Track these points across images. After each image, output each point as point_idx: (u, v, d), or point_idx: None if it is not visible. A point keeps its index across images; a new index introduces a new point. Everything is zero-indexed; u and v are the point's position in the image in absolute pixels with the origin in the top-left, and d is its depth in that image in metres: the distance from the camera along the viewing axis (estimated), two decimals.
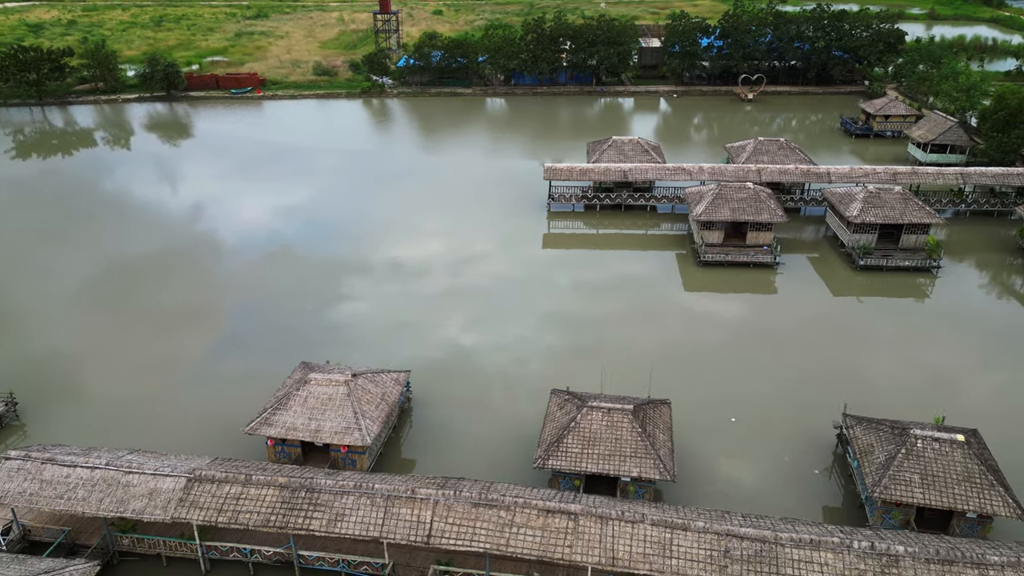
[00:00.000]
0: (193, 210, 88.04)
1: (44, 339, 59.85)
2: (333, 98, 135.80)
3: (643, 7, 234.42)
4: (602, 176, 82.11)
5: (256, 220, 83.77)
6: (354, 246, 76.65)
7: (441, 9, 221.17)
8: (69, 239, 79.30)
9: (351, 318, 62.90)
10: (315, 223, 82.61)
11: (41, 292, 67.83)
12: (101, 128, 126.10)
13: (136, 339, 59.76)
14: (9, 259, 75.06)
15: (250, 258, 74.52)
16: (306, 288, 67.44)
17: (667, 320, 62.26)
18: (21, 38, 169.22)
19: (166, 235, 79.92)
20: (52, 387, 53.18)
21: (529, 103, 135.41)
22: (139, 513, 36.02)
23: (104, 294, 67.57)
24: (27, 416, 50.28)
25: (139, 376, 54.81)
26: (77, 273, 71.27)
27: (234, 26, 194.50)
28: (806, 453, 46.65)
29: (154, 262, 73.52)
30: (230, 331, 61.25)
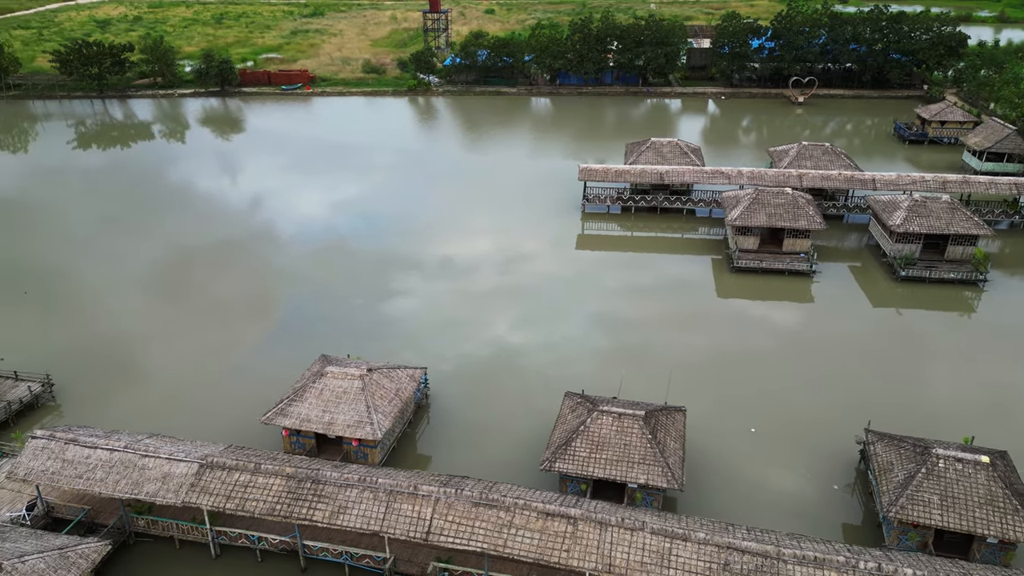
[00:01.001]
0: (246, 202, 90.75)
1: (95, 323, 62.22)
2: (380, 96, 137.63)
3: (697, 7, 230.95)
4: (638, 178, 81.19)
5: (307, 213, 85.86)
6: (393, 242, 77.50)
7: (493, 8, 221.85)
8: (128, 227, 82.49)
9: (394, 312, 63.67)
10: (362, 218, 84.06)
11: (98, 278, 70.75)
12: (158, 121, 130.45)
13: (187, 326, 61.68)
14: (70, 245, 78.22)
15: (303, 250, 76.12)
16: (355, 282, 68.73)
17: (696, 326, 61.22)
18: (89, 33, 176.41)
19: (221, 226, 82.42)
20: (94, 370, 55.26)
21: (574, 103, 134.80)
22: (152, 496, 37.18)
23: (161, 281, 69.97)
24: (63, 397, 52.36)
25: (183, 362, 56.56)
26: (136, 260, 74.04)
27: (290, 24, 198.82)
28: (827, 468, 45.31)
29: (210, 252, 75.94)
30: (281, 321, 62.60)
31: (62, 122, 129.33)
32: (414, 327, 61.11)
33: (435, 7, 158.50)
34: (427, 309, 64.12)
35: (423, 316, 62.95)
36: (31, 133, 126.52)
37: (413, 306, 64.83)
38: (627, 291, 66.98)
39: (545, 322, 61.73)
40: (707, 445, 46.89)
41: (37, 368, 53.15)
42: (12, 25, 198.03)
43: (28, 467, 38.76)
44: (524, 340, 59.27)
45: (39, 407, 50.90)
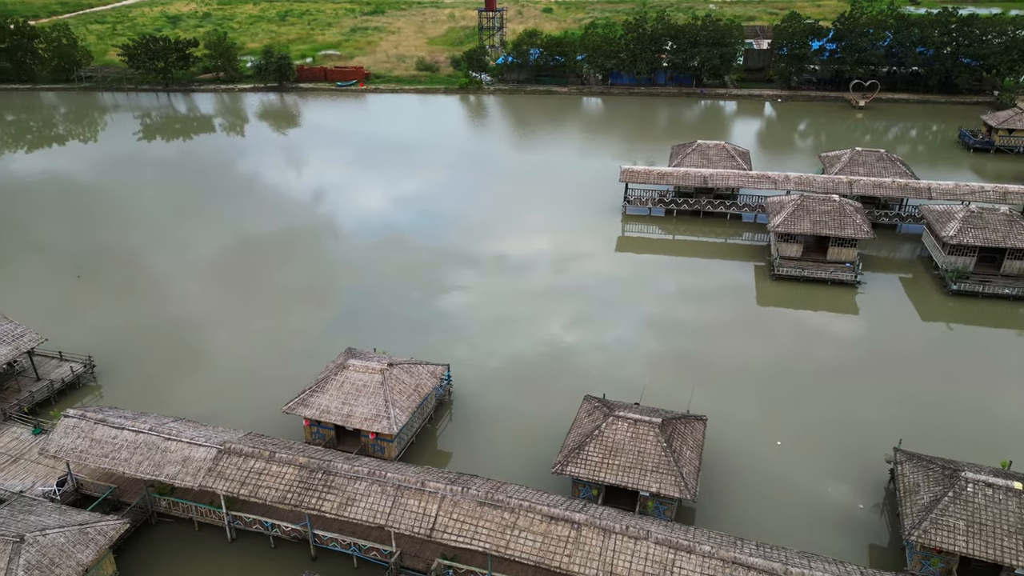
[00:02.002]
0: (302, 195, 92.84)
1: (146, 308, 64.60)
2: (432, 93, 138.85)
3: (761, 7, 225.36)
4: (681, 180, 79.82)
5: (360, 207, 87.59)
6: (439, 238, 78.14)
7: (551, 7, 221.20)
8: (187, 216, 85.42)
9: (437, 308, 64.40)
10: (413, 213, 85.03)
11: (155, 264, 73.41)
12: (219, 115, 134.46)
13: (242, 313, 63.56)
14: (130, 232, 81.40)
15: (362, 243, 77.63)
16: (410, 276, 69.78)
17: (731, 333, 59.87)
18: (160, 28, 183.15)
19: (279, 217, 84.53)
20: (139, 353, 57.34)
21: (625, 103, 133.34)
22: (172, 478, 38.37)
23: (218, 269, 72.22)
24: (104, 378, 54.53)
25: (230, 349, 58.25)
26: (193, 248, 76.67)
27: (351, 21, 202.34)
28: (855, 486, 43.75)
29: (270, 242, 77.98)
30: (337, 312, 63.85)
31: (129, 113, 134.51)
32: (445, 324, 61.54)
33: (490, 6, 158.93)
34: (467, 306, 64.52)
35: (456, 312, 63.33)
36: (100, 123, 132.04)
37: (458, 303, 65.25)
38: (663, 296, 66.02)
39: (579, 324, 61.29)
40: (731, 456, 45.88)
41: (83, 349, 55.46)
42: (90, 20, 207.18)
43: (59, 444, 40.50)
44: (554, 342, 58.98)
45: (80, 387, 53.12)
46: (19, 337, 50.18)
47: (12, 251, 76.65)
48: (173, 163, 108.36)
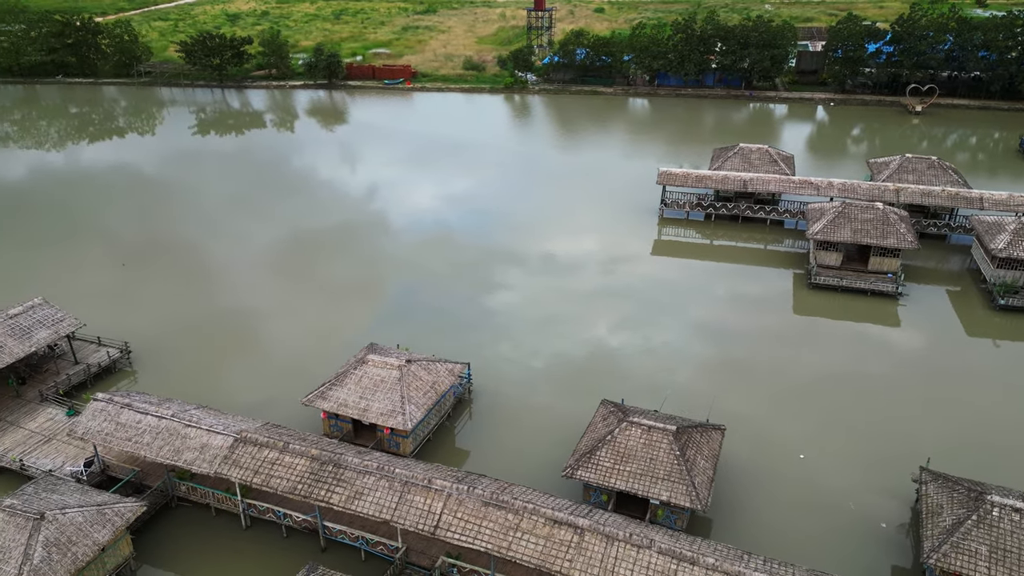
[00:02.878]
0: (346, 190, 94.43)
1: (189, 296, 66.45)
2: (477, 92, 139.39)
3: (820, 8, 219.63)
4: (719, 184, 78.37)
5: (402, 204, 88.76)
6: (478, 237, 78.69)
7: (603, 7, 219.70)
8: (237, 209, 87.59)
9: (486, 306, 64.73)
10: (457, 211, 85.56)
11: (203, 255, 75.25)
12: (270, 111, 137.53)
13: (291, 305, 64.74)
14: (180, 222, 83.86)
15: (411, 240, 78.21)
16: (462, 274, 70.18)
17: (765, 342, 58.56)
18: (219, 26, 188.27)
19: (327, 211, 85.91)
20: (176, 341, 58.87)
21: (671, 105, 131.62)
22: (189, 464, 39.37)
23: (266, 261, 73.57)
24: (139, 364, 56.29)
25: (275, 340, 59.27)
26: (241, 240, 78.42)
27: (403, 20, 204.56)
28: (880, 504, 42.28)
29: (318, 236, 79.18)
30: (386, 307, 64.53)
31: (184, 108, 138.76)
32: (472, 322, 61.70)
33: (539, 5, 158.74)
34: (511, 304, 64.78)
35: (500, 311, 63.46)
36: (157, 117, 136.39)
37: (503, 301, 65.39)
38: (696, 302, 64.86)
39: (609, 327, 60.72)
40: (751, 467, 44.90)
41: (124, 335, 57.31)
42: (154, 17, 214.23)
43: (87, 426, 41.95)
44: (584, 344, 58.56)
45: (116, 372, 54.94)
46: (59, 321, 52.17)
47: (63, 237, 79.70)
48: (225, 157, 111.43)
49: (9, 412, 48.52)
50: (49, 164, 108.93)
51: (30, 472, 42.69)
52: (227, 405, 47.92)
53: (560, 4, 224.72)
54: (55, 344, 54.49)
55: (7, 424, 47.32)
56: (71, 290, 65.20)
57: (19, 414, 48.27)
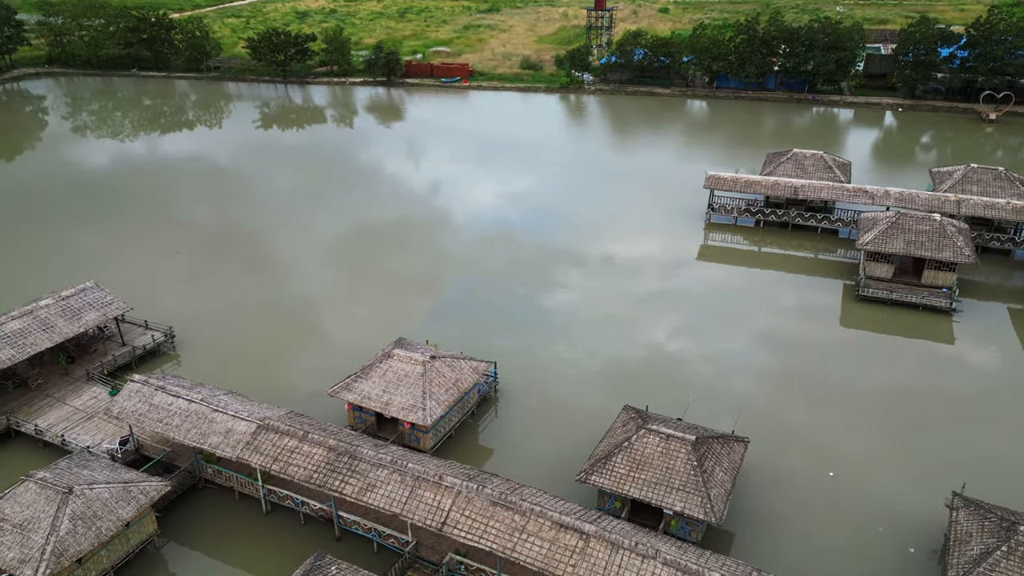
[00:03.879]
0: (401, 185, 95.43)
1: (251, 286, 68.27)
2: (532, 91, 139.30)
3: (897, 10, 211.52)
4: (769, 190, 76.32)
5: (456, 201, 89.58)
6: (538, 236, 78.71)
7: (667, 7, 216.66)
8: (299, 202, 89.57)
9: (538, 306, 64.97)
10: (504, 210, 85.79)
11: (266, 246, 77.03)
12: (330, 106, 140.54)
13: (347, 297, 66.10)
14: (236, 212, 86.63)
15: (468, 237, 78.76)
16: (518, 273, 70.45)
17: (806, 354, 56.86)
18: (288, 23, 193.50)
19: (386, 206, 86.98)
20: (228, 328, 60.68)
21: (730, 108, 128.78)
22: (214, 447, 40.61)
23: (325, 254, 74.83)
24: (183, 348, 58.32)
25: (327, 331, 60.35)
26: (303, 233, 79.74)
27: (465, 19, 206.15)
28: (910, 529, 40.55)
29: (378, 230, 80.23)
30: (441, 302, 65.20)
31: (249, 103, 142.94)
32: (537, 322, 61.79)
33: (600, 5, 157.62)
34: (570, 305, 64.75)
35: (560, 311, 63.49)
36: (224, 111, 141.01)
37: (560, 302, 65.48)
38: (739, 309, 63.30)
39: (645, 332, 59.94)
40: (779, 482, 43.71)
41: (173, 321, 59.51)
42: (227, 14, 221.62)
43: (122, 407, 43.73)
44: (617, 348, 57.94)
45: (160, 355, 57.10)
46: (107, 304, 54.51)
47: (125, 223, 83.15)
48: (286, 151, 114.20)
49: (57, 389, 51.00)
50: (120, 153, 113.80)
51: (70, 447, 44.75)
52: (266, 393, 49.26)
53: (624, 4, 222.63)
54: (104, 326, 56.99)
55: (54, 400, 49.75)
56: (126, 274, 68.19)
57: (66, 391, 50.69)
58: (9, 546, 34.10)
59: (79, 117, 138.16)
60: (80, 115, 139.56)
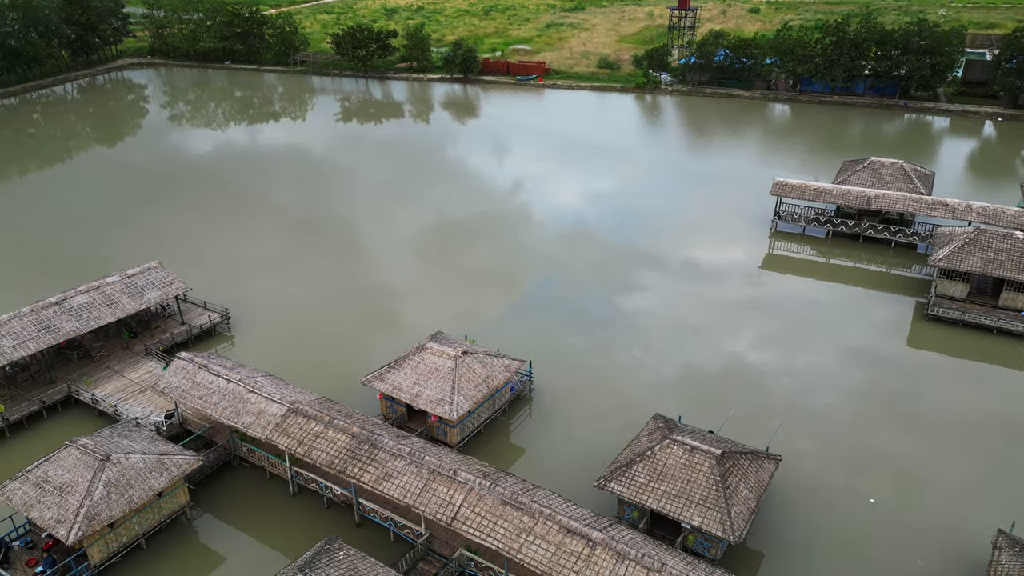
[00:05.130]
0: (473, 181, 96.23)
1: (304, 271, 70.26)
2: (607, 91, 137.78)
3: (1009, 13, 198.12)
4: (840, 199, 72.84)
5: (522, 197, 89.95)
6: (610, 236, 78.21)
7: (759, 7, 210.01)
8: (373, 194, 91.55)
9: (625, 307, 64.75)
10: (579, 209, 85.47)
11: (341, 235, 79.13)
12: (408, 102, 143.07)
13: (423, 287, 66.83)
14: (318, 204, 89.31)
15: (550, 234, 78.69)
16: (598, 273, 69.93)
17: (865, 374, 53.97)
18: (376, 19, 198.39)
19: (461, 201, 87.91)
20: (289, 313, 62.32)
21: (814, 112, 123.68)
22: (246, 427, 42.02)
23: (401, 245, 75.91)
24: (238, 330, 60.59)
25: (391, 318, 61.30)
26: (378, 224, 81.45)
27: (548, 17, 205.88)
28: (952, 565, 37.99)
29: (454, 225, 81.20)
30: (521, 297, 65.43)
31: (331, 96, 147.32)
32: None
33: (683, 4, 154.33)
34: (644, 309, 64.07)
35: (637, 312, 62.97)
36: (308, 103, 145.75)
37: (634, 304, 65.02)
38: (799, 323, 60.67)
39: (699, 340, 58.28)
40: (815, 505, 41.80)
41: (233, 303, 62.09)
42: (319, 10, 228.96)
43: (168, 382, 45.84)
44: (662, 355, 56.75)
45: (215, 335, 59.52)
46: (169, 284, 57.25)
47: (201, 206, 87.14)
48: (364, 143, 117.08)
49: (118, 361, 53.95)
50: (210, 141, 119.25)
51: (121, 418, 47.21)
52: (315, 378, 50.39)
53: (713, 3, 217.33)
54: (167, 304, 59.86)
55: (113, 372, 52.65)
56: (190, 256, 71.56)
57: (125, 364, 53.56)
58: (48, 506, 36.29)
59: (176, 106, 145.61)
60: (177, 104, 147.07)
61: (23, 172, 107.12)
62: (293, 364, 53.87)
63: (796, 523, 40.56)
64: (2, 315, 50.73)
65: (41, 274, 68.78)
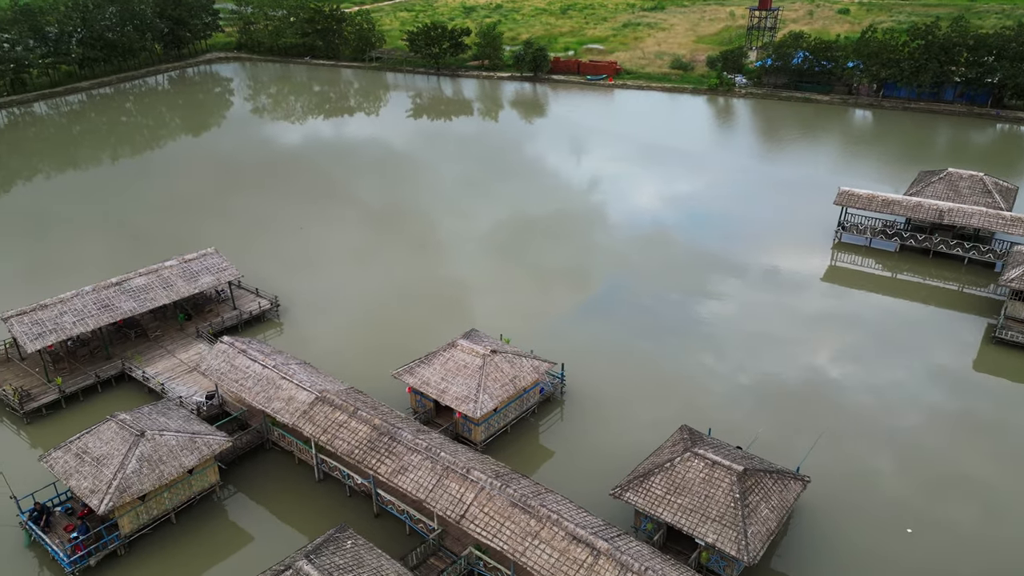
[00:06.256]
0: (541, 180, 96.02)
1: (357, 263, 71.86)
2: (678, 92, 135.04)
3: None
4: (910, 211, 69.18)
5: (590, 196, 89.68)
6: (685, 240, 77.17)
7: (848, 8, 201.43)
8: (441, 189, 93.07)
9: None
10: (652, 210, 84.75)
11: (408, 228, 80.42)
12: (477, 100, 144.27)
13: (494, 283, 67.49)
14: (378, 197, 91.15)
15: (626, 235, 78.10)
16: None
17: (919, 397, 51.37)
18: (453, 17, 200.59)
19: (530, 199, 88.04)
20: (328, 302, 63.81)
21: (897, 119, 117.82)
22: (275, 412, 43.23)
23: (468, 242, 76.49)
24: (286, 317, 62.43)
25: (457, 312, 61.57)
26: (441, 219, 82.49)
27: (626, 16, 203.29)
28: None
29: (526, 223, 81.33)
30: (591, 297, 65.02)
31: (404, 92, 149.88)
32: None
33: (764, 5, 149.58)
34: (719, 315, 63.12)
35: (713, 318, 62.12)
36: (382, 99, 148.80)
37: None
38: (857, 340, 58.08)
39: (748, 353, 56.46)
40: (847, 530, 40.03)
41: (290, 291, 64.29)
42: (400, 8, 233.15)
43: (209, 364, 47.64)
44: (710, 366, 55.33)
45: (264, 321, 61.50)
46: (222, 270, 59.49)
47: (268, 196, 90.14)
48: (435, 138, 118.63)
49: (171, 342, 56.46)
50: (287, 134, 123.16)
51: (167, 395, 49.34)
52: (359, 369, 51.58)
53: (801, 3, 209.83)
54: (221, 289, 62.21)
55: (166, 352, 55.13)
56: (260, 243, 74.59)
57: (177, 345, 56.00)
58: (85, 476, 38.28)
59: (257, 99, 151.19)
60: (258, 97, 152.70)
61: (115, 157, 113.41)
62: (337, 353, 55.29)
63: (827, 547, 38.85)
64: (67, 292, 53.79)
65: (116, 252, 72.74)
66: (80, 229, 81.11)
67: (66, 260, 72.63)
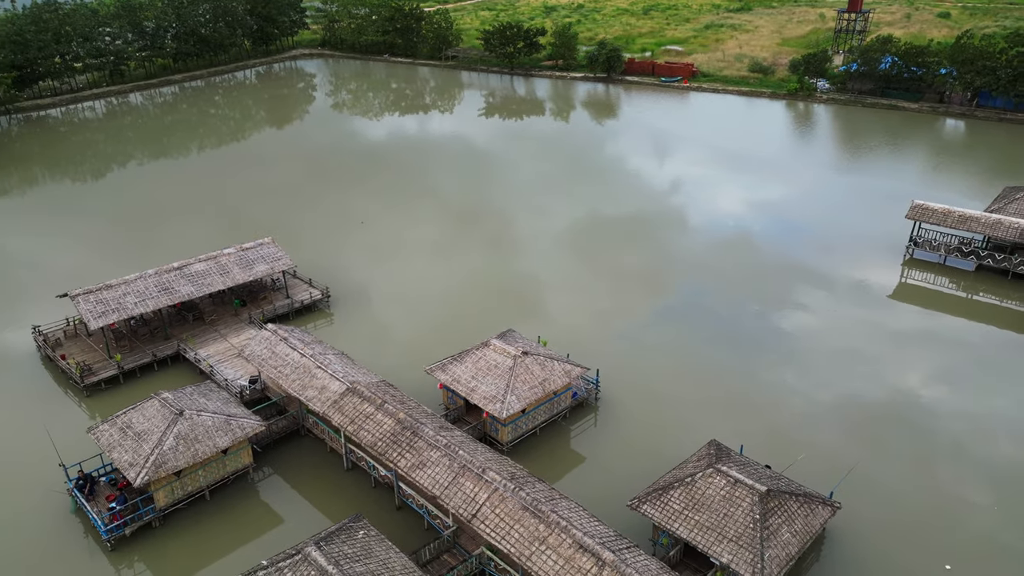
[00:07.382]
0: (612, 182, 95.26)
1: (417, 259, 72.91)
2: (755, 96, 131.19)
3: None
4: (989, 229, 65.02)
5: (663, 200, 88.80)
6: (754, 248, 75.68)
7: (949, 11, 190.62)
8: (503, 187, 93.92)
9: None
10: (732, 217, 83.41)
11: (468, 226, 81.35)
12: (549, 100, 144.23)
13: (566, 284, 67.19)
14: (445, 193, 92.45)
15: (706, 240, 76.93)
16: None
17: (975, 427, 48.07)
18: (533, 17, 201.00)
19: (609, 200, 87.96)
20: (383, 295, 65.12)
21: (991, 130, 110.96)
22: (308, 400, 44.39)
23: (554, 239, 76.93)
24: (336, 307, 64.00)
25: (526, 310, 61.80)
26: (504, 217, 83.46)
27: (710, 17, 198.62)
28: None
29: (600, 224, 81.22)
30: (667, 303, 64.11)
31: (477, 91, 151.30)
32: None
33: (854, 6, 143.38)
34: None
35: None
36: (456, 97, 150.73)
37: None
38: (919, 364, 54.82)
39: (800, 370, 54.41)
40: (882, 563, 37.78)
41: (343, 283, 66.02)
42: (482, 7, 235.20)
43: (252, 350, 49.34)
44: (752, 379, 53.56)
45: (315, 311, 63.24)
46: (277, 260, 61.52)
47: (342, 188, 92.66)
48: (503, 137, 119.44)
49: (225, 326, 58.81)
50: (363, 129, 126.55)
51: (215, 377, 51.43)
52: (403, 362, 52.54)
53: (899, 6, 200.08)
54: (276, 278, 64.34)
55: (219, 336, 57.46)
56: (305, 235, 76.50)
57: (230, 330, 58.27)
58: (126, 449, 40.33)
59: (338, 95, 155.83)
60: (339, 93, 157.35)
61: (201, 148, 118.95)
62: (382, 345, 56.46)
63: (833, 571, 36.93)
64: (131, 275, 56.79)
65: (190, 236, 76.27)
66: (160, 214, 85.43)
67: (140, 242, 76.67)
